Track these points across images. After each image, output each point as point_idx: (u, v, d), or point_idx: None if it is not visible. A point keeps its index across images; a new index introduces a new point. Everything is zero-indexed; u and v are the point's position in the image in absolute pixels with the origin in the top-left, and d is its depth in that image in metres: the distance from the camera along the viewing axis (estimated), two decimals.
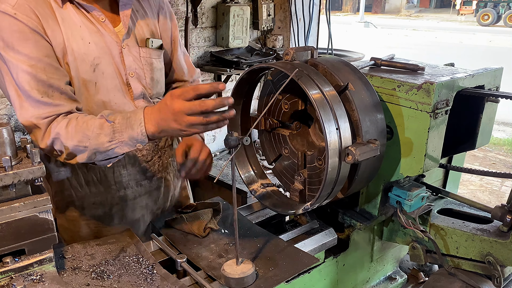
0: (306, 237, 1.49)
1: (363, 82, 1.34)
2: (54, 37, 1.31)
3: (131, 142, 1.24)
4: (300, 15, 3.92)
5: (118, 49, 1.43)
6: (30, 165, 1.12)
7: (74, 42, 1.34)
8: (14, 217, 1.11)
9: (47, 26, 1.29)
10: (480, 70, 1.47)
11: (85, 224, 1.57)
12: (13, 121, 2.49)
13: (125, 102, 1.46)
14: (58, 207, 1.55)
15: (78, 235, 1.57)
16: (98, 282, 1.20)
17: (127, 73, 1.45)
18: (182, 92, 1.13)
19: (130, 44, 1.46)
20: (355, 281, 1.72)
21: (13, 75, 1.26)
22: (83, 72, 1.36)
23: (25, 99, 1.27)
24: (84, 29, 1.36)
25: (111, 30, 1.42)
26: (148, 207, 1.67)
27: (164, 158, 1.66)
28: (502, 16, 21.86)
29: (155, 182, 1.66)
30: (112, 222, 1.59)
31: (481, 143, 1.57)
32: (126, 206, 1.60)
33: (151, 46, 1.50)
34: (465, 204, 1.61)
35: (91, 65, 1.37)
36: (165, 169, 1.69)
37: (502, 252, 1.36)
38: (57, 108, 1.29)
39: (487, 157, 6.30)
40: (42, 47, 1.28)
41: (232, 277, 1.18)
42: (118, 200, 1.57)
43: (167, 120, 1.16)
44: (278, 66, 1.32)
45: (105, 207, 1.57)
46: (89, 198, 1.54)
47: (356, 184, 1.36)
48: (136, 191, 1.61)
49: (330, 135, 1.19)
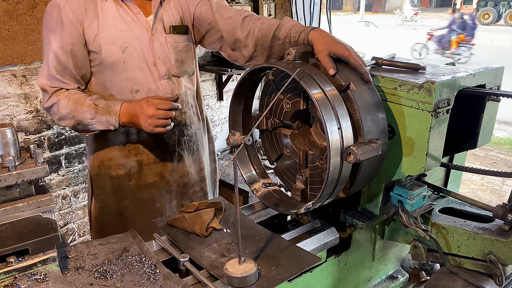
0: (308, 237, 1.49)
1: (364, 81, 1.35)
2: (90, 27, 1.64)
3: (106, 123, 1.63)
4: (300, 15, 3.92)
5: (148, 36, 1.71)
6: (33, 165, 1.12)
7: (108, 29, 1.65)
8: (17, 217, 1.11)
9: (87, 18, 1.63)
10: (481, 69, 1.47)
11: (110, 181, 1.86)
12: (16, 121, 2.50)
13: (151, 80, 1.73)
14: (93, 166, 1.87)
15: (104, 190, 1.88)
16: (101, 281, 1.21)
17: (155, 55, 1.72)
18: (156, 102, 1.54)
19: (158, 31, 1.73)
20: (357, 280, 1.72)
21: (47, 50, 1.66)
22: (113, 53, 1.66)
23: (46, 70, 1.66)
24: (118, 19, 1.67)
25: (143, 20, 1.70)
26: (162, 176, 1.87)
27: (178, 135, 1.87)
28: (503, 15, 21.84)
29: (169, 155, 1.86)
30: (130, 181, 1.85)
31: (482, 142, 1.57)
32: (142, 170, 1.84)
33: (174, 32, 1.76)
34: (466, 203, 1.61)
35: (120, 48, 1.67)
36: (178, 145, 1.88)
37: (503, 251, 1.36)
38: (63, 84, 1.67)
39: (488, 156, 6.30)
40: (73, 36, 1.63)
41: (235, 276, 1.18)
42: (135, 163, 1.82)
43: (139, 118, 1.56)
44: (279, 65, 1.33)
45: (126, 168, 1.83)
46: (114, 160, 1.82)
47: (358, 183, 1.37)
48: (150, 158, 1.82)
49: (332, 134, 1.20)
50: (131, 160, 1.82)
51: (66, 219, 2.86)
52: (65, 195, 2.81)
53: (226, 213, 1.58)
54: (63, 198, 2.81)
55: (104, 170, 1.86)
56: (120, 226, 1.83)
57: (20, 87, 2.45)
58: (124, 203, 1.88)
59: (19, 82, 2.45)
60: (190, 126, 1.89)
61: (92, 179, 1.92)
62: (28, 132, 2.55)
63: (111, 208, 1.90)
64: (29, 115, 2.52)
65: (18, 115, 2.47)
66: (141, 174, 1.84)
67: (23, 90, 2.47)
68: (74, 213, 2.89)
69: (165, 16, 1.75)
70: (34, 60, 2.45)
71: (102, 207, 1.92)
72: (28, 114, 2.52)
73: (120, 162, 1.82)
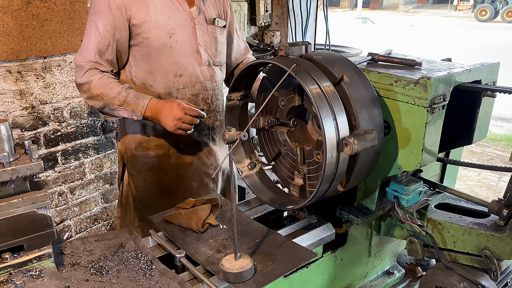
0: (304, 232, 1.49)
1: (358, 74, 1.34)
2: (138, 13, 1.75)
3: (131, 113, 1.76)
4: (297, 11, 3.91)
5: (192, 24, 1.84)
6: (28, 161, 1.12)
7: (157, 15, 1.76)
8: (12, 213, 1.11)
9: (134, 4, 1.74)
10: (477, 65, 1.47)
11: (150, 161, 1.96)
12: (11, 118, 2.48)
13: (195, 65, 1.87)
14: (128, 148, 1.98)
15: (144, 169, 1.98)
16: (97, 277, 1.20)
17: (198, 43, 1.86)
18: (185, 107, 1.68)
19: (201, 21, 1.88)
20: (353, 275, 1.73)
21: (89, 31, 1.76)
22: (161, 36, 1.77)
23: (86, 49, 1.76)
24: (166, 7, 1.79)
25: (187, 10, 1.84)
26: (199, 157, 1.99)
27: (213, 119, 2.00)
28: (500, 11, 21.84)
29: (203, 138, 1.99)
30: (170, 160, 1.96)
31: (478, 138, 1.58)
32: (180, 150, 1.95)
33: (217, 24, 1.93)
34: (462, 199, 1.62)
35: (167, 33, 1.78)
36: (212, 129, 2.01)
37: (498, 246, 1.37)
38: (99, 65, 1.78)
39: (484, 153, 6.31)
40: (118, 21, 1.74)
41: (231, 271, 1.19)
42: (174, 143, 1.94)
43: (166, 118, 1.70)
44: (275, 61, 1.32)
45: (164, 148, 1.94)
46: (153, 141, 1.93)
47: (354, 178, 1.37)
48: (188, 139, 1.92)
49: (328, 129, 1.20)
50: (170, 140, 1.93)
51: (62, 216, 2.85)
52: (61, 191, 2.80)
53: (222, 209, 1.58)
54: (59, 194, 2.80)
55: (142, 151, 1.96)
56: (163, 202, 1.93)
57: (15, 83, 2.44)
58: (165, 178, 1.98)
59: (14, 78, 2.43)
60: (222, 113, 2.04)
61: (127, 161, 2.01)
62: (24, 129, 2.54)
63: (153, 185, 1.99)
64: (25, 112, 2.51)
65: (13, 111, 2.46)
66: (180, 154, 1.96)
67: (18, 86, 2.45)
68: (71, 209, 2.89)
69: (206, 11, 1.91)
70: (29, 56, 2.43)
71: (143, 185, 2.01)
72: (23, 111, 2.50)
73: (158, 143, 1.93)
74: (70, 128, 2.76)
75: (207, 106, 1.93)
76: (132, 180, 2.03)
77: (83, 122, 2.81)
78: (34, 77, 2.52)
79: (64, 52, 2.59)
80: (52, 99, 2.63)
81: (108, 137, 2.99)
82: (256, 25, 3.86)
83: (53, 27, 2.50)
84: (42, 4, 2.43)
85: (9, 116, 2.47)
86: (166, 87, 1.84)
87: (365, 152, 1.26)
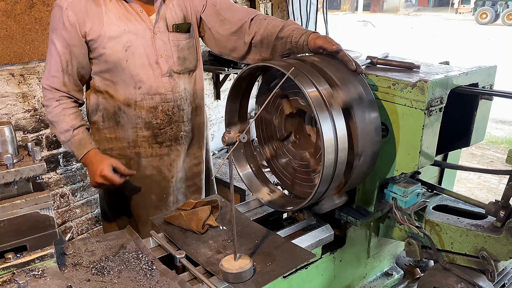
0: (303, 233, 1.51)
1: (357, 79, 1.36)
2: (93, 28, 1.70)
3: (71, 151, 1.82)
4: (297, 15, 3.93)
5: (150, 35, 1.76)
6: (31, 163, 1.14)
7: (111, 28, 1.71)
8: (15, 213, 1.13)
9: (89, 20, 1.69)
10: (474, 68, 1.49)
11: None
12: (14, 120, 2.50)
13: (153, 78, 1.79)
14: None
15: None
16: (99, 277, 1.22)
17: (158, 54, 1.78)
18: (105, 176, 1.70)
19: (161, 30, 1.78)
20: (352, 277, 1.74)
21: (50, 48, 1.74)
22: (116, 51, 1.73)
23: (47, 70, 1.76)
24: (122, 19, 1.73)
25: (146, 19, 1.76)
26: (159, 169, 1.93)
27: (175, 130, 1.92)
28: (500, 14, 21.86)
29: (165, 149, 1.92)
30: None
31: (476, 140, 1.59)
32: (140, 162, 1.92)
33: (177, 30, 1.81)
34: (460, 201, 1.63)
35: (123, 46, 1.73)
36: (176, 140, 1.93)
37: (495, 247, 1.38)
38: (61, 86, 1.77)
39: (485, 155, 6.31)
40: (74, 38, 1.71)
41: (230, 272, 1.20)
42: (134, 155, 1.91)
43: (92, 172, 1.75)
44: (274, 64, 1.34)
45: (126, 158, 1.91)
46: (115, 150, 1.92)
47: (352, 180, 1.38)
48: (148, 151, 1.91)
49: (326, 131, 1.21)
50: (130, 151, 1.91)
51: (64, 217, 2.87)
52: (63, 193, 2.82)
53: (222, 210, 1.59)
54: (61, 196, 2.82)
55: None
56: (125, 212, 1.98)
57: (18, 86, 2.46)
58: (126, 187, 1.94)
59: (17, 81, 2.46)
60: (187, 122, 1.95)
61: None
62: (26, 131, 2.56)
63: (116, 194, 1.99)
64: (27, 114, 2.53)
65: (16, 114, 2.48)
66: (140, 166, 1.92)
67: (21, 89, 2.48)
68: (72, 211, 2.90)
69: (168, 14, 1.80)
70: (32, 59, 2.46)
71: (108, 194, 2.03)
72: (26, 113, 2.53)
73: (120, 153, 1.91)
74: None
75: (167, 118, 1.87)
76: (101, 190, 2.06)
77: None
78: (37, 80, 2.55)
79: None
80: None
81: None
82: None
83: None
84: (45, 8, 2.45)
85: (11, 118, 2.50)
86: (126, 99, 1.80)
87: (363, 153, 1.28)
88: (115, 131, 1.88)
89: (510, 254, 1.35)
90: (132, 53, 1.74)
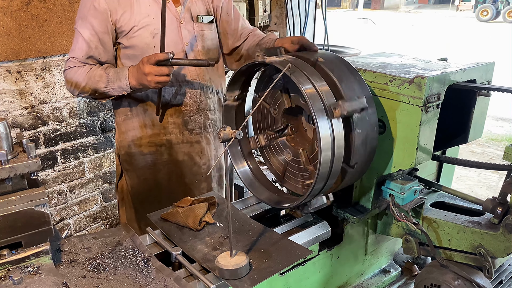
0: (300, 230, 1.50)
1: (355, 77, 1.36)
2: (124, 15, 1.79)
3: (119, 89, 1.77)
4: (296, 11, 3.92)
5: (177, 24, 1.87)
6: (26, 159, 1.13)
7: (141, 16, 1.80)
8: (10, 210, 1.12)
9: (120, 7, 1.78)
10: (472, 64, 1.48)
11: (143, 158, 1.99)
12: (11, 117, 2.50)
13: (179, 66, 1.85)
14: (122, 145, 2.01)
15: (138, 166, 2.01)
16: (94, 274, 1.22)
17: (184, 42, 1.89)
18: (148, 58, 1.65)
19: (187, 20, 1.90)
20: (350, 274, 1.74)
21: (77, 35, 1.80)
22: (144, 37, 1.82)
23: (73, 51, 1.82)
24: (150, 8, 1.82)
25: (173, 9, 1.87)
26: (190, 156, 2.01)
27: (204, 118, 2.01)
28: (501, 11, 21.82)
29: (195, 136, 2.00)
30: (162, 156, 1.99)
31: (474, 137, 1.59)
32: (172, 148, 1.99)
33: (201, 21, 1.93)
34: (457, 197, 1.63)
35: (150, 33, 1.82)
36: (204, 128, 2.02)
37: (492, 244, 1.37)
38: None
39: (485, 153, 6.31)
40: (103, 25, 1.78)
41: (226, 268, 1.20)
42: (165, 142, 1.97)
43: (142, 78, 1.69)
44: (271, 61, 1.34)
45: (157, 145, 1.97)
46: (145, 138, 1.97)
47: (349, 177, 1.38)
48: (179, 138, 1.98)
49: (322, 127, 1.21)
50: (161, 139, 1.97)
51: (62, 215, 2.87)
52: (61, 190, 2.82)
53: (219, 207, 1.59)
54: (59, 193, 2.81)
55: (135, 148, 2.00)
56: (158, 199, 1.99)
57: (15, 83, 2.46)
58: (158, 175, 2.01)
59: (13, 78, 2.45)
60: (214, 111, 2.03)
61: (122, 158, 2.05)
62: (24, 128, 2.56)
63: (147, 182, 2.03)
64: (24, 111, 2.53)
65: (13, 111, 2.48)
66: (172, 152, 1.99)
67: (18, 86, 2.47)
68: (70, 208, 2.90)
69: (192, 7, 1.92)
70: (29, 56, 2.45)
71: (137, 182, 2.04)
72: (23, 110, 2.52)
73: (151, 141, 1.97)
74: (70, 127, 2.78)
75: (196, 105, 1.96)
76: (128, 177, 2.06)
77: (82, 122, 2.83)
78: (34, 77, 2.54)
79: (63, 52, 2.61)
80: (52, 98, 2.65)
81: (107, 136, 3.00)
82: (254, 25, 3.87)
83: (52, 28, 2.52)
84: (41, 4, 2.45)
85: (8, 115, 2.49)
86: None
87: (361, 155, 1.27)
88: (144, 119, 1.94)
89: (507, 251, 1.34)
90: (159, 40, 1.78)
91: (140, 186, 2.05)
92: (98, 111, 2.89)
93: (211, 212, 1.54)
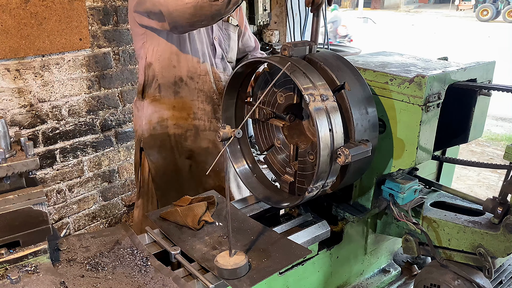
0: (299, 230, 1.50)
1: (357, 79, 1.35)
2: None
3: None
4: (296, 10, 3.91)
5: None
6: (24, 158, 1.13)
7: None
8: (8, 209, 1.12)
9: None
10: (472, 63, 1.48)
11: (168, 139, 2.04)
12: (10, 116, 2.49)
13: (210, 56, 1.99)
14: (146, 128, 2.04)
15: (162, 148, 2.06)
16: (93, 273, 1.21)
17: (213, 36, 2.01)
18: None
19: None
20: (349, 273, 1.73)
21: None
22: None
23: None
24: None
25: None
26: (215, 144, 2.06)
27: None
28: (501, 11, 21.79)
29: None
30: (186, 142, 2.05)
31: (474, 137, 1.58)
32: (197, 134, 2.04)
33: (230, 22, 2.06)
34: (457, 197, 1.62)
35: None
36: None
37: (493, 244, 1.37)
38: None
39: (485, 152, 6.30)
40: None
41: (225, 268, 1.19)
42: (192, 127, 2.04)
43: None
44: (271, 60, 1.33)
45: (183, 129, 2.03)
46: (172, 120, 2.02)
47: (347, 178, 1.37)
48: (206, 125, 2.04)
49: (322, 130, 1.20)
50: (189, 123, 2.03)
51: (60, 213, 2.86)
52: (60, 189, 2.81)
53: (218, 207, 1.58)
54: (57, 192, 2.80)
55: (161, 130, 2.04)
56: (180, 181, 2.07)
57: (14, 81, 2.44)
58: (180, 159, 2.07)
59: (12, 76, 2.44)
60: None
61: (145, 142, 2.07)
62: (22, 127, 2.54)
63: (171, 162, 2.08)
64: (23, 110, 2.52)
65: (11, 109, 2.47)
66: (197, 138, 2.05)
67: (17, 85, 2.46)
68: (69, 207, 2.89)
69: None
70: (28, 54, 2.44)
71: (162, 163, 2.09)
72: (22, 109, 2.51)
73: (177, 123, 2.03)
74: (69, 126, 2.77)
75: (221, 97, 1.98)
76: (151, 160, 2.09)
77: (81, 120, 2.82)
78: (33, 75, 2.53)
79: (62, 51, 2.60)
80: (51, 97, 2.64)
81: (106, 135, 2.99)
82: (254, 24, 3.86)
83: (51, 26, 2.51)
84: (40, 2, 2.43)
85: (7, 114, 2.48)
86: (189, 71, 1.94)
87: None
88: (174, 101, 1.99)
89: (507, 250, 1.34)
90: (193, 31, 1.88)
91: (162, 169, 2.09)
92: (98, 109, 2.88)
93: (210, 211, 1.53)
